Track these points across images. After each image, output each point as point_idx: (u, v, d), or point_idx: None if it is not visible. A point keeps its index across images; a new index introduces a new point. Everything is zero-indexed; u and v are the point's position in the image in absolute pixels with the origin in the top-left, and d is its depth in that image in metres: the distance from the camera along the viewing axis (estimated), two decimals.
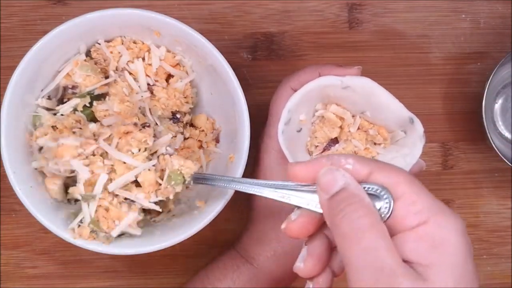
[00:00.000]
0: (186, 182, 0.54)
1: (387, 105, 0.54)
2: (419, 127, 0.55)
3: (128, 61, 0.58)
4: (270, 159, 0.57)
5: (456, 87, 0.67)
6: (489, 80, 0.62)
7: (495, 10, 0.67)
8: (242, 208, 0.63)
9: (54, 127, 0.56)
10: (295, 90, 0.55)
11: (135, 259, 0.64)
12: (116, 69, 0.58)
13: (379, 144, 0.57)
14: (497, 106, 0.68)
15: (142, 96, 0.58)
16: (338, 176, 0.40)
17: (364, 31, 0.67)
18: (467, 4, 0.67)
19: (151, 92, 0.58)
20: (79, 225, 0.54)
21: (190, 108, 0.60)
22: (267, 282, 0.57)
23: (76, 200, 0.56)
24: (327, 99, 0.56)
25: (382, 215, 0.39)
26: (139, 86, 0.58)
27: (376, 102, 0.55)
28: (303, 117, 0.56)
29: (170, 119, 0.59)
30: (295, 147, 0.56)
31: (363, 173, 0.40)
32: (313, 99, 0.56)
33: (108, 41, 0.58)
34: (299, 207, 0.43)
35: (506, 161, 0.63)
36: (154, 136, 0.59)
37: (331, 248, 0.43)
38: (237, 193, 0.55)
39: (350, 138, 0.57)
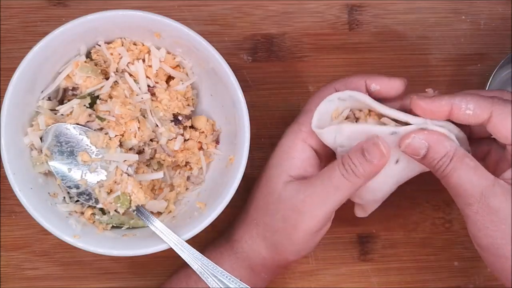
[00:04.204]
0: (130, 209, 0.56)
1: None
2: None
3: (128, 63, 0.58)
4: (296, 136, 0.55)
5: (456, 89, 0.67)
6: (489, 82, 0.62)
7: (495, 11, 0.67)
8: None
9: None
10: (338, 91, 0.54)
11: (135, 261, 0.64)
12: (116, 71, 0.58)
13: None
14: None
15: (142, 98, 0.58)
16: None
17: (364, 32, 0.67)
18: (467, 5, 0.67)
19: (153, 94, 0.58)
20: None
21: (191, 110, 0.60)
22: (246, 271, 0.56)
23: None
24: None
25: None
26: (139, 88, 0.58)
27: None
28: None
29: (172, 121, 0.59)
30: None
31: (483, 117, 0.48)
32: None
33: (108, 43, 0.58)
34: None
35: None
36: (155, 137, 0.59)
37: None
38: (237, 194, 0.55)
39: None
